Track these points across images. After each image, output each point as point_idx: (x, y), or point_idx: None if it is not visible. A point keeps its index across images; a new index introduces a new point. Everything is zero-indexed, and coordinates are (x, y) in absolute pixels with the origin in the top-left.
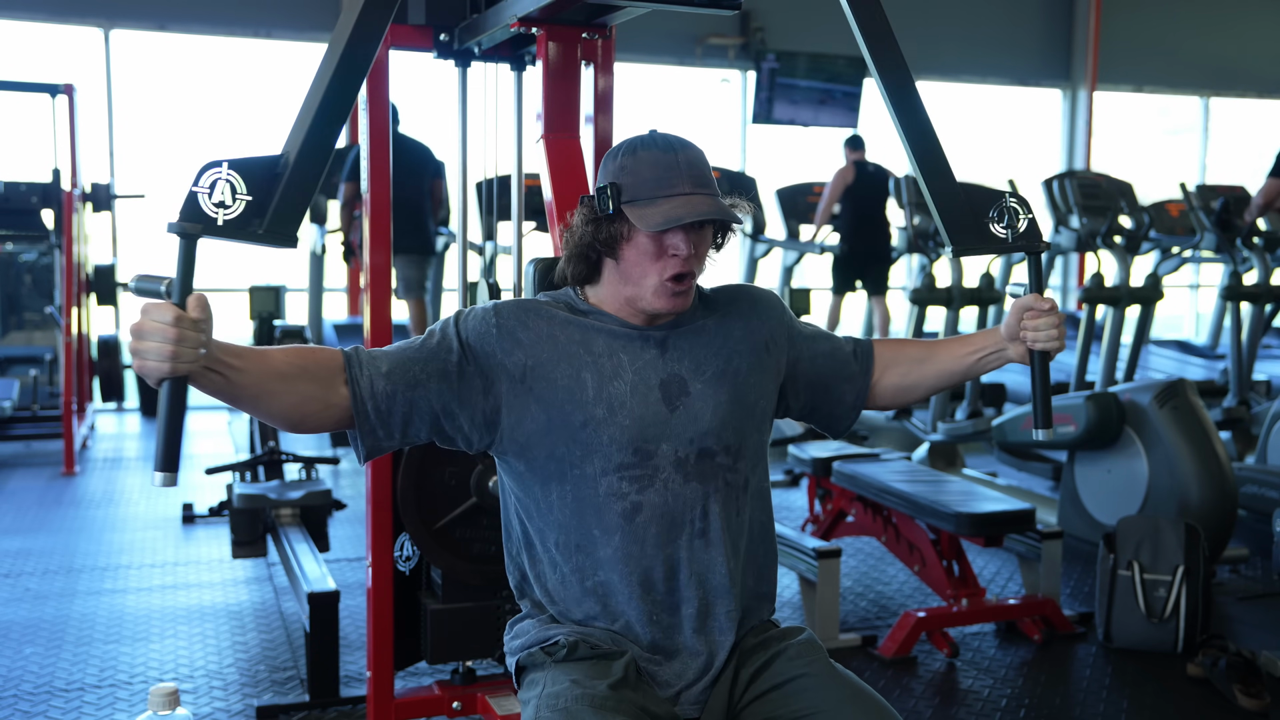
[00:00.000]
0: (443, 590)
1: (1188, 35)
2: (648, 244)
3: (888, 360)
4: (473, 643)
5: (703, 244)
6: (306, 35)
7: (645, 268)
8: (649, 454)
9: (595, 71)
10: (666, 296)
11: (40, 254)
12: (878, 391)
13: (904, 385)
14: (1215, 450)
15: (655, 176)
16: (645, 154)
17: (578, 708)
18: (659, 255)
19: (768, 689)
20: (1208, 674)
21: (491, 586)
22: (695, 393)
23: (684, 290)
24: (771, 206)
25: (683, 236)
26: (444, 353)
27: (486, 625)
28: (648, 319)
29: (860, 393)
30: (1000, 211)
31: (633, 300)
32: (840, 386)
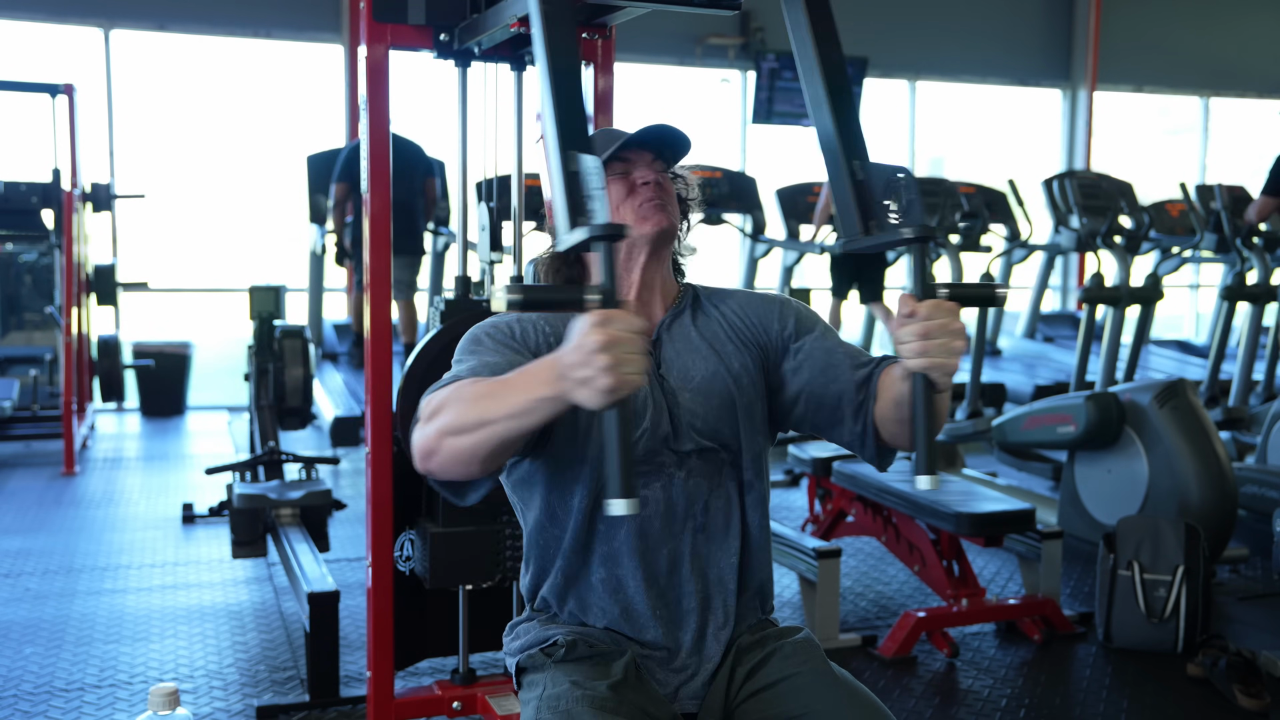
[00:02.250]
0: (443, 513)
1: (1188, 35)
2: (617, 189)
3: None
4: (472, 566)
5: (667, 183)
6: (306, 35)
7: (623, 209)
8: (653, 451)
9: (595, 71)
10: (648, 217)
11: (40, 254)
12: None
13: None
14: (1215, 450)
15: (602, 141)
16: (594, 135)
17: (578, 709)
18: (630, 191)
19: (762, 688)
20: (1208, 674)
21: (491, 510)
22: (693, 390)
23: (662, 207)
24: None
25: (642, 170)
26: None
27: (486, 549)
28: (643, 309)
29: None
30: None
31: (628, 248)
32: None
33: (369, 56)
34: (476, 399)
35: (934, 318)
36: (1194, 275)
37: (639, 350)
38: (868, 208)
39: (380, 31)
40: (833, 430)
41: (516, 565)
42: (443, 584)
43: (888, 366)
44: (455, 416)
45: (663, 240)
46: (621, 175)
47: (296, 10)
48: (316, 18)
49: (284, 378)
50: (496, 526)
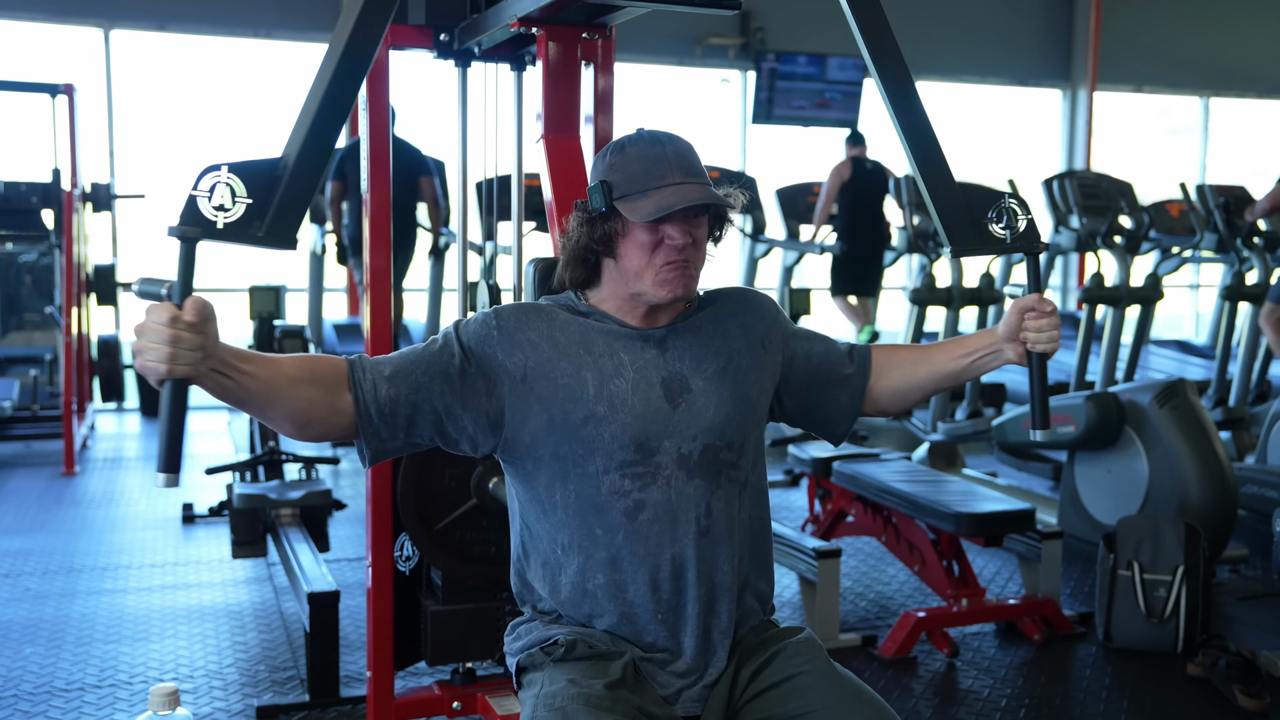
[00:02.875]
0: (443, 592)
1: (1188, 35)
2: (644, 237)
3: (884, 363)
4: (473, 644)
5: (699, 233)
6: (306, 35)
7: (643, 261)
8: (651, 451)
9: (595, 71)
10: (668, 283)
11: (40, 254)
12: (875, 395)
13: (900, 389)
14: (1215, 450)
15: (644, 170)
16: (633, 149)
17: (573, 707)
18: (656, 247)
19: (766, 688)
20: (1208, 674)
21: (491, 588)
22: (697, 389)
23: (685, 275)
24: (771, 206)
25: (678, 225)
26: (446, 357)
27: (486, 627)
28: (648, 316)
29: (855, 395)
30: (999, 212)
31: (636, 295)
32: (835, 388)
33: None
34: None
35: (1055, 315)
36: (1194, 275)
37: (162, 341)
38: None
39: None
40: (819, 412)
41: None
42: (443, 663)
43: (879, 347)
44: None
45: (676, 303)
46: (653, 225)
47: (296, 10)
48: (316, 18)
49: None
50: (496, 604)
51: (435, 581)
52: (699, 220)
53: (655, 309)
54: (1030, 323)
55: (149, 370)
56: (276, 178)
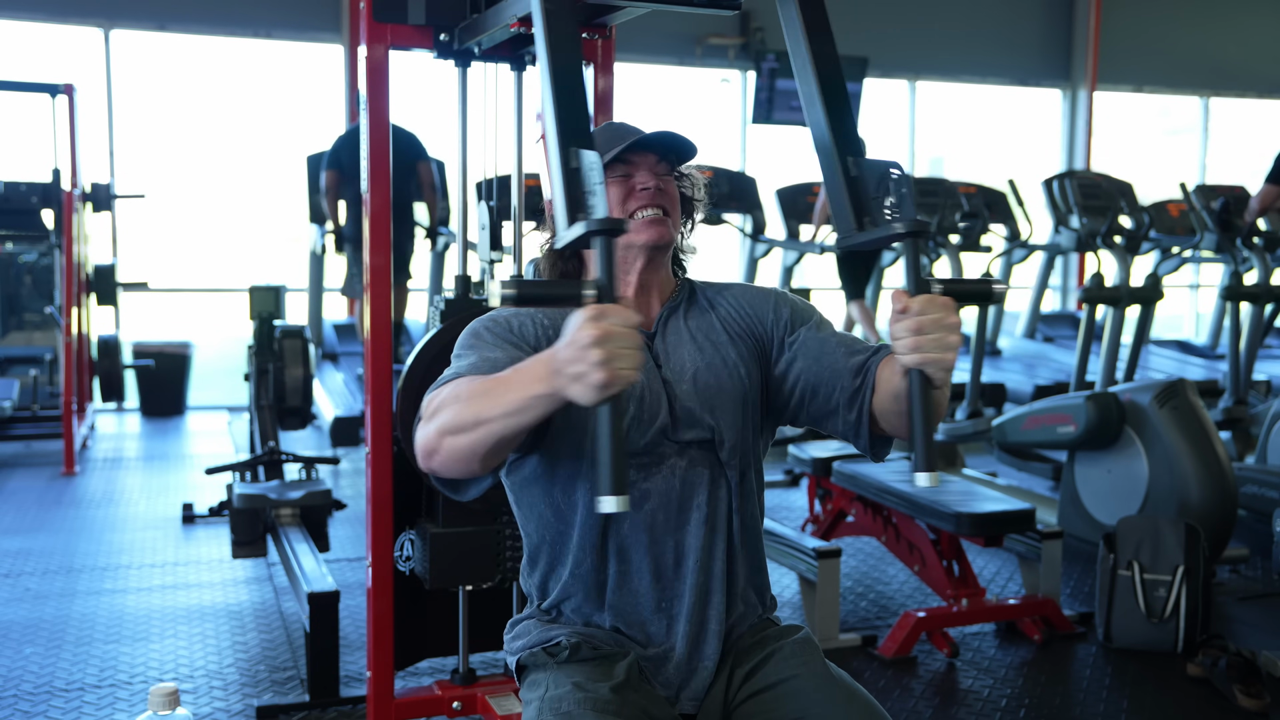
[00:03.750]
0: (443, 514)
1: (1188, 35)
2: (616, 190)
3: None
4: (472, 567)
5: (670, 187)
6: (306, 35)
7: (619, 211)
8: (654, 442)
9: (595, 71)
10: (645, 229)
11: (40, 254)
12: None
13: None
14: (1215, 450)
15: (612, 133)
16: (599, 130)
17: (580, 711)
18: (628, 194)
19: (761, 689)
20: (1208, 674)
21: (491, 510)
22: (689, 382)
23: (660, 220)
24: (771, 206)
25: (644, 172)
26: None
27: (486, 550)
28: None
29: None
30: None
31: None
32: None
33: (369, 56)
34: (474, 397)
35: (927, 313)
36: (1194, 275)
37: (633, 345)
38: (861, 204)
39: (380, 31)
40: (827, 420)
41: (516, 565)
42: (443, 584)
43: (886, 357)
44: (454, 415)
45: (658, 250)
46: (622, 177)
47: (296, 10)
48: (316, 18)
49: (284, 378)
50: (496, 527)
51: (436, 505)
52: (667, 179)
53: (647, 298)
54: (893, 326)
55: (621, 379)
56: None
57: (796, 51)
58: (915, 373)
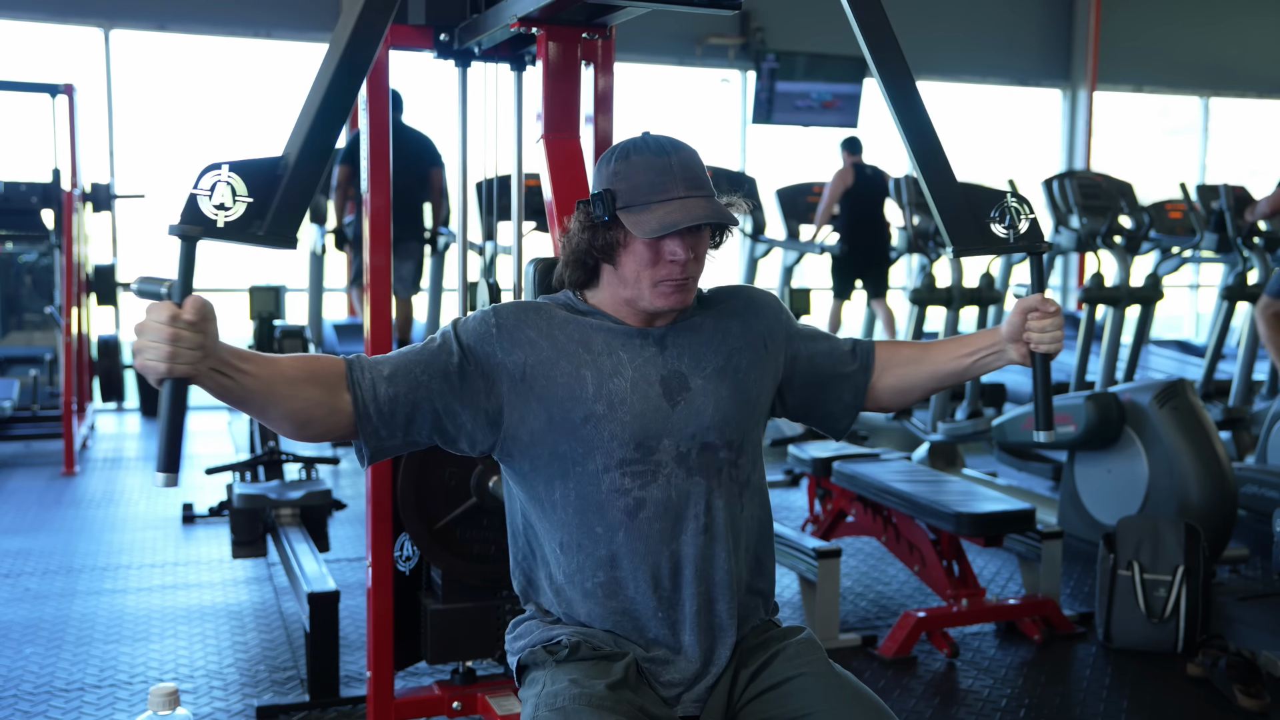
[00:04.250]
0: (443, 590)
1: (1188, 35)
2: (645, 250)
3: (885, 361)
4: (473, 643)
5: (700, 245)
6: (306, 35)
7: (643, 273)
8: (651, 449)
9: (595, 71)
10: (666, 295)
11: (40, 254)
12: (876, 392)
13: (901, 387)
14: (1215, 450)
15: (649, 181)
16: (638, 158)
17: (574, 707)
18: (656, 260)
19: (766, 689)
20: (1208, 674)
21: (492, 587)
22: (696, 388)
23: (684, 288)
24: (771, 206)
25: (679, 241)
26: (445, 355)
27: (487, 625)
28: (648, 318)
29: (858, 392)
30: (1002, 211)
31: (633, 301)
32: (838, 385)
33: None
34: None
35: (1059, 315)
36: (1194, 275)
37: (159, 339)
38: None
39: None
40: (822, 408)
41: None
42: (442, 661)
43: (880, 344)
44: None
45: (673, 314)
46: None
47: (296, 10)
48: (316, 18)
49: None
50: (496, 602)
51: (435, 580)
52: (701, 232)
53: (653, 314)
54: (1034, 323)
55: (148, 369)
56: (277, 177)
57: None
58: (1040, 356)
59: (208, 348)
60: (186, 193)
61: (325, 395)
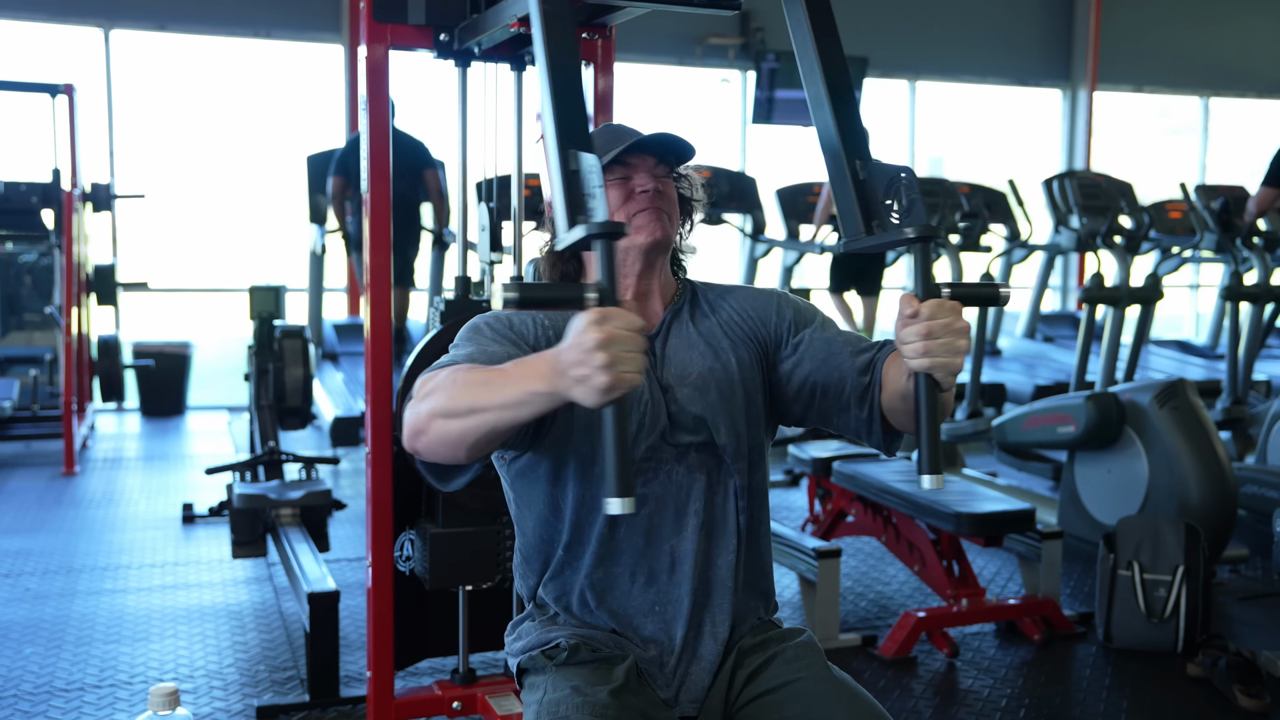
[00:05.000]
0: (442, 514)
1: (1188, 35)
2: (614, 194)
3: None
4: (472, 567)
5: (668, 189)
6: (306, 35)
7: (617, 215)
8: (653, 447)
9: (595, 71)
10: (643, 226)
11: (40, 254)
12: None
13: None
14: (1215, 450)
15: (605, 141)
16: (597, 132)
17: (578, 716)
18: (627, 198)
19: (763, 692)
20: (1208, 674)
21: (492, 511)
22: (695, 386)
23: (658, 218)
24: (771, 206)
25: (643, 175)
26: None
27: (486, 550)
28: (638, 299)
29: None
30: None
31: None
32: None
33: (369, 56)
34: (471, 385)
35: (937, 317)
36: (1194, 275)
37: (637, 349)
38: (869, 207)
39: (380, 31)
40: (838, 418)
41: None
42: (443, 584)
43: (892, 354)
44: (448, 399)
45: (656, 250)
46: (621, 180)
47: (296, 10)
48: (316, 18)
49: (284, 378)
50: (496, 527)
51: (436, 505)
52: (666, 180)
53: (647, 300)
54: (901, 330)
55: (625, 382)
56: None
57: (804, 54)
58: (922, 376)
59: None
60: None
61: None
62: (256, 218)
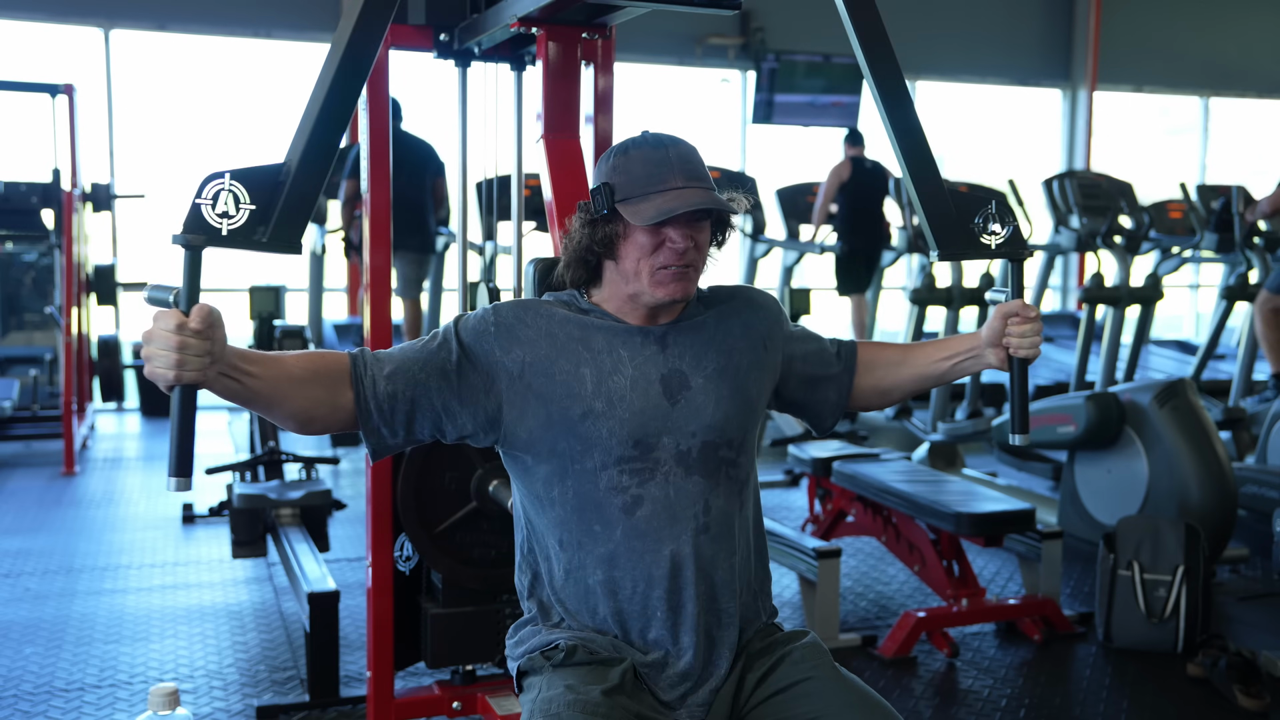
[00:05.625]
0: (443, 594)
1: (1188, 35)
2: (645, 240)
3: (868, 362)
4: (472, 646)
5: (701, 237)
6: (306, 35)
7: (643, 263)
8: (650, 447)
9: (595, 71)
10: (665, 283)
11: (40, 254)
12: (859, 391)
13: (882, 388)
14: (1215, 450)
15: (647, 173)
16: (637, 152)
17: (569, 713)
18: (656, 249)
19: (773, 693)
20: (1208, 674)
21: (491, 591)
22: (697, 387)
23: (684, 276)
24: (771, 206)
25: (679, 230)
26: (444, 354)
27: (486, 629)
28: (650, 315)
29: (842, 391)
30: (986, 217)
31: (635, 296)
32: (825, 385)
33: None
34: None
35: (1038, 320)
36: (1194, 275)
37: (167, 347)
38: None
39: None
40: (811, 407)
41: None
42: (444, 664)
43: (863, 344)
44: None
45: (674, 305)
46: (654, 229)
47: (296, 10)
48: (316, 18)
49: None
50: (496, 606)
51: (435, 584)
52: (701, 225)
53: (655, 309)
54: (1013, 328)
55: (157, 377)
56: (280, 183)
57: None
58: (1018, 361)
59: (215, 354)
60: (189, 202)
61: (328, 393)
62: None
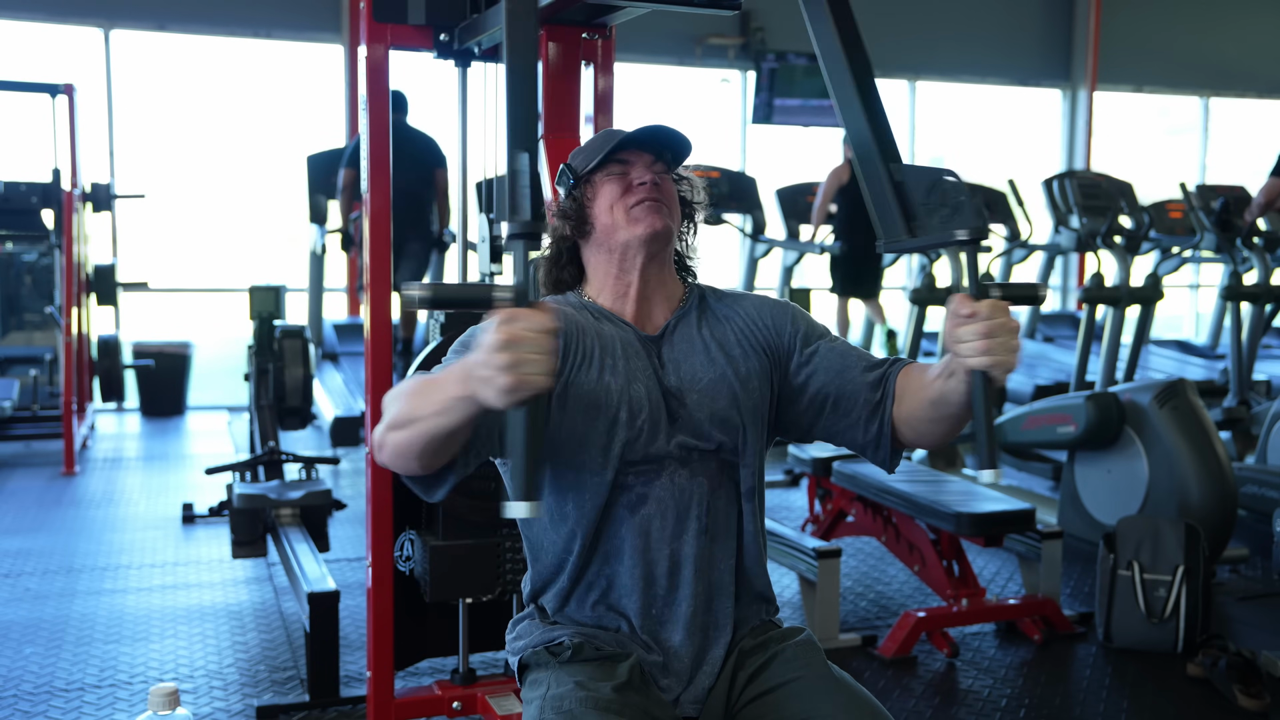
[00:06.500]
0: (443, 527)
1: (1188, 35)
2: (612, 187)
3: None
4: (472, 580)
5: (666, 183)
6: (306, 35)
7: (617, 208)
8: (656, 451)
9: (595, 71)
10: (642, 218)
11: (40, 254)
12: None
13: (909, 419)
14: (1215, 450)
15: (600, 140)
16: (594, 136)
17: (581, 710)
18: (625, 193)
19: (764, 692)
20: (1208, 674)
21: (491, 524)
22: (701, 390)
23: (658, 209)
24: (771, 206)
25: (640, 170)
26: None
27: (486, 563)
28: (642, 301)
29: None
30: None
31: (621, 253)
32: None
33: (369, 56)
34: (412, 395)
35: (994, 317)
36: (1194, 275)
37: (542, 350)
38: (909, 209)
39: (380, 31)
40: (846, 434)
41: (516, 578)
42: (443, 597)
43: (906, 368)
44: (396, 411)
45: (657, 243)
46: (618, 175)
47: (296, 10)
48: (316, 18)
49: (284, 378)
50: (496, 539)
51: (436, 517)
52: (664, 176)
53: (651, 303)
54: (958, 330)
55: (528, 385)
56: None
57: (832, 60)
58: (978, 374)
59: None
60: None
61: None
62: (256, 218)
